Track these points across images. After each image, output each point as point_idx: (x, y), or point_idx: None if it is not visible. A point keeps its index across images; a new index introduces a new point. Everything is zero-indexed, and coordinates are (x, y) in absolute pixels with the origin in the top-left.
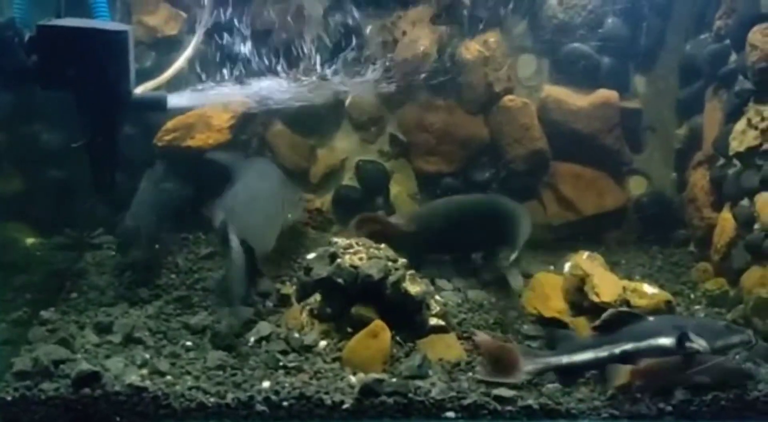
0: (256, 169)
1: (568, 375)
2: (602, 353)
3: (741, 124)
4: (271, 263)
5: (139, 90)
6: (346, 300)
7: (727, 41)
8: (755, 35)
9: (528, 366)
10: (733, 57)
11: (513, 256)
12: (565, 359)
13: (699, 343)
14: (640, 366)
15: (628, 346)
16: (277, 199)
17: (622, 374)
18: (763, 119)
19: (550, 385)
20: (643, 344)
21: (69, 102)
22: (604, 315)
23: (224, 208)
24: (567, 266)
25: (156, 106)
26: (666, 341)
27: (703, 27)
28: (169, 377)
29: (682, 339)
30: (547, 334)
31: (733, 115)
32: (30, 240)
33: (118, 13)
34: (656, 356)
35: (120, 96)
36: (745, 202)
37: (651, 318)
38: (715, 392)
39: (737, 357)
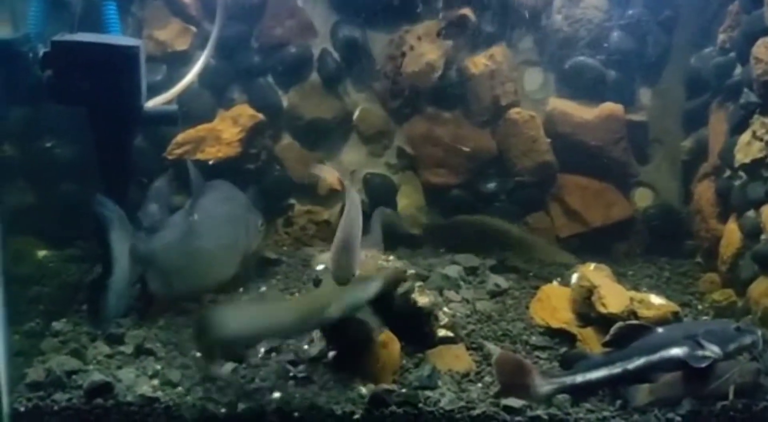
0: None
1: (583, 393)
2: (616, 369)
3: (746, 136)
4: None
5: (150, 104)
6: None
7: (732, 54)
8: (759, 48)
9: (544, 387)
10: (738, 70)
11: None
12: (580, 378)
13: (712, 350)
14: (658, 383)
15: (641, 361)
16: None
17: (643, 394)
18: (767, 131)
19: (559, 395)
20: (656, 357)
21: (82, 116)
22: (612, 330)
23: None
24: (574, 277)
25: (167, 120)
26: (678, 351)
27: (707, 40)
28: (180, 388)
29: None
30: (562, 356)
31: (739, 127)
32: (42, 253)
33: (130, 28)
34: (671, 368)
35: (132, 110)
36: (751, 213)
37: (660, 329)
38: (723, 402)
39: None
